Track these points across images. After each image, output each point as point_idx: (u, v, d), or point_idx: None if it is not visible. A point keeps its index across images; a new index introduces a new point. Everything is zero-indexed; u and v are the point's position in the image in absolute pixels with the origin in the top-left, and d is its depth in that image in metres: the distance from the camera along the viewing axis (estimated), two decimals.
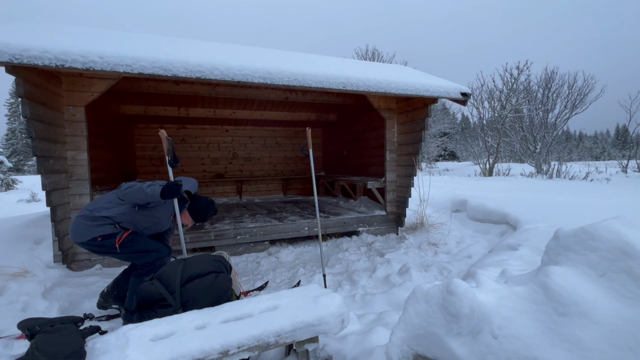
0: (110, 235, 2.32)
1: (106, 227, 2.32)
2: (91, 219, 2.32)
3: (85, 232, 2.30)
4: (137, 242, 2.41)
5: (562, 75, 15.27)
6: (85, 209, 2.39)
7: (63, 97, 3.42)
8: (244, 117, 7.00)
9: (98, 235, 2.30)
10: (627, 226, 1.34)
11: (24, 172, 30.84)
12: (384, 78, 3.95)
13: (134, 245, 2.39)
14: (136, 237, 2.42)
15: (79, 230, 2.31)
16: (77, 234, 2.32)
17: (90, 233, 2.30)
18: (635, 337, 1.13)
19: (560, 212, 4.64)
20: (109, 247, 2.33)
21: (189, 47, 3.95)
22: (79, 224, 2.32)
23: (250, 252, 4.29)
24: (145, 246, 2.45)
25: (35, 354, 1.29)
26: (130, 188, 2.28)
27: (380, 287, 3.21)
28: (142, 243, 2.44)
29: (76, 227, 2.33)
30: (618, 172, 13.26)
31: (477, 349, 1.32)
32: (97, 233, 2.30)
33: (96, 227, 2.30)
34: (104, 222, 2.32)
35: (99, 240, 2.31)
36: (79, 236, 2.31)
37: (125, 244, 2.35)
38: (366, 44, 52.37)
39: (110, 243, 2.32)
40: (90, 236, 2.29)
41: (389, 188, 5.11)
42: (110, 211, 2.35)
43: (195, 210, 2.60)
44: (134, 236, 2.41)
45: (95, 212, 2.34)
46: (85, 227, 2.30)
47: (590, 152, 51.25)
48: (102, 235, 2.31)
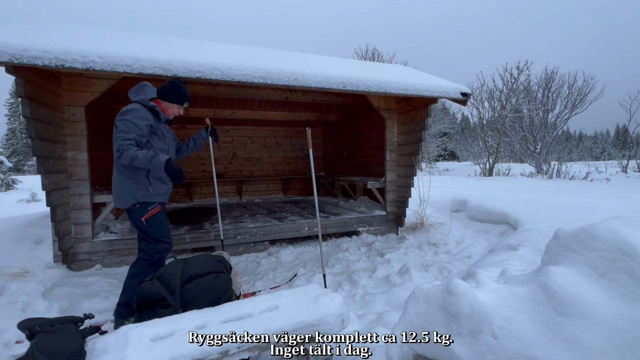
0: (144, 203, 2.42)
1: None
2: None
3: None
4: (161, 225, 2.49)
5: (562, 75, 15.31)
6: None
7: (63, 97, 3.42)
8: (244, 117, 7.00)
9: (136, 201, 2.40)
10: (627, 226, 1.35)
11: (24, 172, 30.83)
12: (384, 78, 3.95)
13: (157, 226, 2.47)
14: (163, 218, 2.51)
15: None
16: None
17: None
18: (635, 337, 1.13)
19: (560, 212, 4.64)
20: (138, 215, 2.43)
21: (189, 47, 3.95)
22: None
23: (250, 252, 4.29)
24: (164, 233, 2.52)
25: (35, 354, 1.29)
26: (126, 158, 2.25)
27: (380, 287, 3.21)
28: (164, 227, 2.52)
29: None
30: (618, 172, 13.26)
31: (477, 349, 1.32)
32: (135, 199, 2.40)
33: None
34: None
35: (137, 206, 2.41)
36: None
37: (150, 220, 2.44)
38: (366, 44, 52.43)
39: (141, 212, 2.42)
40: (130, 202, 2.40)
41: (389, 188, 5.11)
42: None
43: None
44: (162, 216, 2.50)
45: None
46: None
47: (590, 152, 51.27)
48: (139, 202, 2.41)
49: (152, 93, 2.46)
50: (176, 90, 2.54)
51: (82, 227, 3.53)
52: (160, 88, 2.53)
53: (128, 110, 2.31)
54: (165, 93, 2.52)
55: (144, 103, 2.40)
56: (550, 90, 14.96)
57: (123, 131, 2.24)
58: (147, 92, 2.44)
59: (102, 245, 3.62)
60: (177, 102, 2.56)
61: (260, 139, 8.23)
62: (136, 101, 2.40)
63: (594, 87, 14.21)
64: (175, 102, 2.56)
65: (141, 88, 2.46)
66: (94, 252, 3.59)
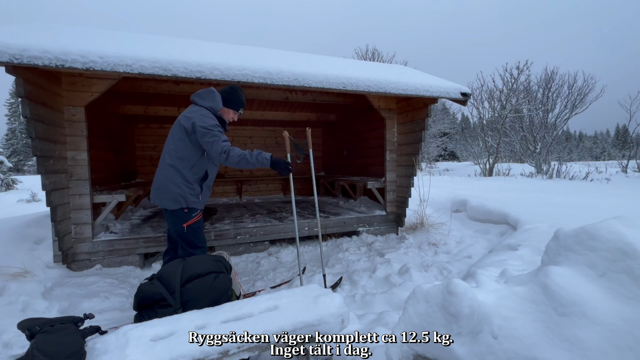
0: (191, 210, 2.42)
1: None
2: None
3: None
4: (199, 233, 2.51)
5: (562, 75, 15.28)
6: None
7: (63, 97, 3.42)
8: (244, 117, 6.99)
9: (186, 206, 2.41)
10: (627, 226, 1.34)
11: (24, 172, 30.82)
12: (384, 78, 3.95)
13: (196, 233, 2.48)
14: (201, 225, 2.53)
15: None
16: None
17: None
18: (635, 337, 1.13)
19: (560, 212, 4.64)
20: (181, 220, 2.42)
21: (189, 47, 3.95)
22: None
23: (250, 252, 4.29)
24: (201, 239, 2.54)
25: (35, 354, 1.29)
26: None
27: (380, 287, 3.21)
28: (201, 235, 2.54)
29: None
30: (618, 172, 13.26)
31: (477, 349, 1.32)
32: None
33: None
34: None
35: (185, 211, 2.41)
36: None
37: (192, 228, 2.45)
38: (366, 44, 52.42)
39: (186, 217, 2.42)
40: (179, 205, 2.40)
41: (389, 188, 5.11)
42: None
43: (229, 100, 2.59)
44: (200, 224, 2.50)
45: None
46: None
47: (590, 152, 51.27)
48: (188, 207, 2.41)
49: (220, 103, 2.50)
50: (234, 96, 2.56)
51: (82, 227, 3.53)
52: (222, 94, 2.55)
53: (206, 116, 2.33)
54: (225, 99, 2.54)
55: (214, 112, 2.42)
56: (550, 90, 14.97)
57: (216, 135, 2.26)
58: (217, 101, 2.48)
59: (102, 245, 3.62)
60: (234, 108, 2.59)
61: (260, 139, 8.22)
62: (206, 107, 2.40)
63: (594, 87, 14.23)
64: (232, 108, 2.58)
65: (211, 95, 2.48)
66: (94, 252, 3.59)
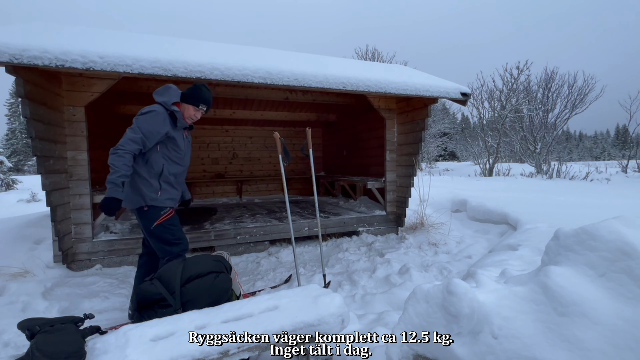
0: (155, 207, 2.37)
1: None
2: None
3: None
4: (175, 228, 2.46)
5: (562, 75, 15.32)
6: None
7: (63, 97, 3.42)
8: (244, 117, 7.00)
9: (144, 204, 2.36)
10: (627, 226, 1.34)
11: (24, 172, 30.83)
12: (384, 78, 3.95)
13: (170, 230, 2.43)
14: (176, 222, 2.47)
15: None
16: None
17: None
18: (635, 337, 1.13)
19: (560, 212, 4.64)
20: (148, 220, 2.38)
21: (189, 47, 3.95)
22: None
23: (250, 252, 4.29)
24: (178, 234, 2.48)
25: (35, 354, 1.29)
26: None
27: (380, 287, 3.21)
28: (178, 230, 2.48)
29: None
30: (618, 172, 13.26)
31: (477, 349, 1.32)
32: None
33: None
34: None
35: (145, 209, 2.36)
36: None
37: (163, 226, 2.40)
38: (366, 44, 52.46)
39: (152, 216, 2.37)
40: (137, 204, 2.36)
41: (389, 188, 5.11)
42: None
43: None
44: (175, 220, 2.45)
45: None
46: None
47: (590, 152, 51.28)
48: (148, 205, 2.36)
49: (175, 97, 2.42)
50: (195, 92, 2.48)
51: (82, 227, 3.53)
52: (185, 90, 2.50)
53: (147, 111, 2.30)
54: (184, 94, 2.48)
55: (166, 106, 2.37)
56: (550, 90, 14.98)
57: (132, 130, 2.24)
58: (170, 95, 2.40)
59: (102, 245, 3.62)
60: (193, 104, 2.48)
61: (260, 139, 8.23)
62: (159, 103, 2.38)
63: (593, 87, 14.24)
64: (192, 104, 2.48)
65: (167, 91, 2.42)
66: (94, 252, 3.59)
